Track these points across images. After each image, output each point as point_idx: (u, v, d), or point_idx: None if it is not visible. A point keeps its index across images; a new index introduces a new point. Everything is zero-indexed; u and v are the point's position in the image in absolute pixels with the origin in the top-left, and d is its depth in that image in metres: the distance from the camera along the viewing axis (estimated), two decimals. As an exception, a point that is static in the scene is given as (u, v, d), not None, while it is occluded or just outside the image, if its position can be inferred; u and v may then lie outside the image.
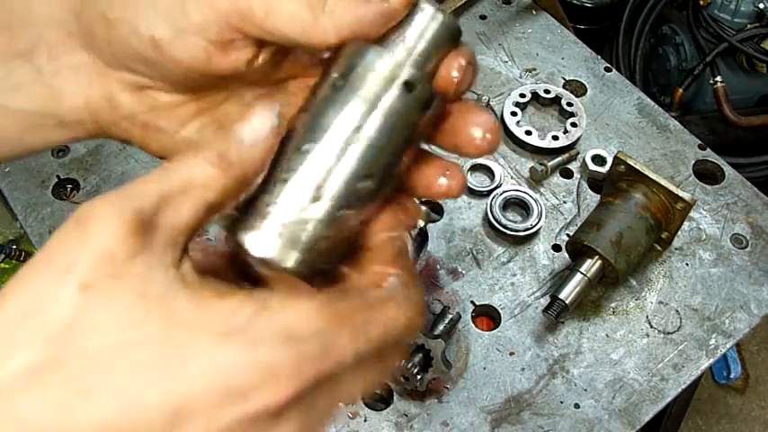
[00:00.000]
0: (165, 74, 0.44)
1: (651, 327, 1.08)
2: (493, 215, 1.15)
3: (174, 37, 0.42)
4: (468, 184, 1.20)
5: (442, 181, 0.44)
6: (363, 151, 0.39)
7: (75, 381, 0.31)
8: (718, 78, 2.13)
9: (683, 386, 1.03)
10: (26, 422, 0.31)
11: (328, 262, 0.40)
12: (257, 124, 0.39)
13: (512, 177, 1.23)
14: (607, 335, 1.08)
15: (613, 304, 1.10)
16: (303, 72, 0.47)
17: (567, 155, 1.24)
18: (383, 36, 0.41)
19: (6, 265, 2.26)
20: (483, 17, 1.44)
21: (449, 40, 0.42)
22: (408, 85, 0.40)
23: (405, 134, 0.40)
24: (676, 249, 1.16)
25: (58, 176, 1.18)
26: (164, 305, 0.33)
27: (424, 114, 0.41)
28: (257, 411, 0.32)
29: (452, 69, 0.41)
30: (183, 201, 0.37)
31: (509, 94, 1.30)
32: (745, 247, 1.16)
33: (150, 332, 0.32)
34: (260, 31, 0.41)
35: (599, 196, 1.18)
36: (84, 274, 0.33)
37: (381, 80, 0.39)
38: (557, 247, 1.15)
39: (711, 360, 1.06)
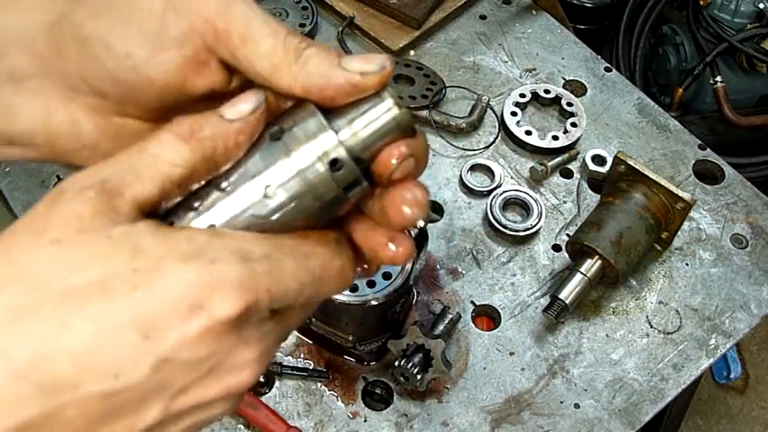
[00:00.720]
0: (135, 96, 0.44)
1: (651, 327, 1.08)
2: (493, 215, 1.15)
3: (150, 54, 0.42)
4: (468, 184, 1.20)
5: (391, 247, 0.44)
6: (272, 209, 0.41)
7: (53, 316, 0.34)
8: (718, 78, 2.13)
9: (683, 386, 1.03)
10: (10, 354, 0.34)
11: None
12: (241, 103, 0.40)
13: (512, 177, 1.23)
14: (607, 335, 1.08)
15: (613, 304, 1.10)
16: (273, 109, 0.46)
17: (567, 155, 1.24)
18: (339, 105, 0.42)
19: (6, 265, 2.26)
20: (483, 17, 1.44)
21: (396, 133, 0.42)
22: (335, 163, 0.41)
23: (319, 205, 0.42)
24: (676, 249, 1.16)
25: (57, 176, 1.18)
26: (127, 241, 0.36)
27: (345, 193, 0.42)
28: (218, 321, 0.36)
29: (392, 157, 0.42)
30: (149, 174, 0.38)
31: (509, 94, 1.30)
32: (745, 247, 1.16)
33: (117, 265, 0.35)
34: (232, 58, 0.42)
35: (599, 196, 1.18)
36: (55, 231, 0.36)
37: (314, 152, 0.40)
38: (557, 247, 1.15)
39: (711, 360, 1.06)
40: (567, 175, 1.24)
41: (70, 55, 0.43)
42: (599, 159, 1.23)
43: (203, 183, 0.41)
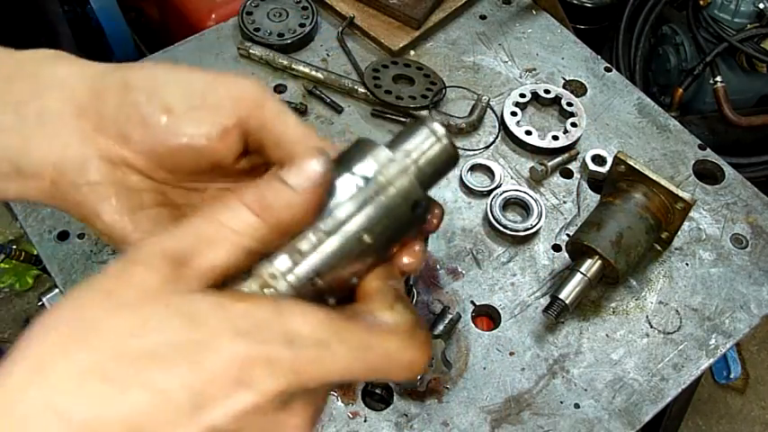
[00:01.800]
0: (154, 149, 0.47)
1: (651, 327, 1.08)
2: (493, 215, 1.15)
3: (188, 110, 0.46)
4: (468, 184, 1.20)
5: (405, 260, 0.48)
6: (369, 243, 0.45)
7: (112, 380, 0.36)
8: (718, 78, 2.13)
9: (683, 386, 1.03)
10: (69, 415, 0.35)
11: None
12: (308, 170, 0.42)
13: (512, 177, 1.23)
14: (607, 335, 1.08)
15: (613, 304, 1.10)
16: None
17: (567, 155, 1.24)
18: (394, 142, 0.48)
19: (6, 265, 2.26)
20: (483, 17, 1.44)
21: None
22: (416, 205, 0.46)
23: (399, 237, 0.47)
24: (676, 249, 1.16)
25: (57, 176, 1.18)
26: (185, 311, 0.37)
27: (414, 227, 0.47)
28: (263, 397, 0.37)
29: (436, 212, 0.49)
30: (218, 245, 0.40)
31: (509, 94, 1.30)
32: (745, 247, 1.16)
33: (173, 334, 0.37)
34: (264, 133, 0.47)
35: (599, 196, 1.18)
36: (122, 296, 0.38)
37: (399, 196, 0.45)
38: (557, 247, 1.15)
39: (711, 360, 1.06)
40: (567, 175, 1.24)
41: (109, 98, 0.47)
42: (599, 159, 1.23)
43: None
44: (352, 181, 0.44)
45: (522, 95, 1.30)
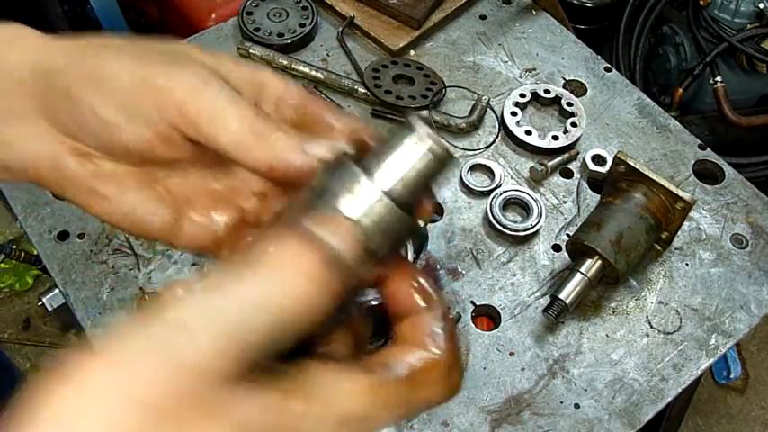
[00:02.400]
0: (112, 150, 0.48)
1: (651, 327, 1.08)
2: (493, 215, 1.15)
3: (126, 125, 0.45)
4: (468, 184, 1.20)
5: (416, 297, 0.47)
6: None
7: None
8: (718, 78, 2.13)
9: (683, 386, 1.03)
10: None
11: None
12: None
13: (512, 177, 1.23)
14: (607, 335, 1.08)
15: (613, 304, 1.10)
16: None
17: (567, 155, 1.24)
18: (377, 157, 0.42)
19: (6, 265, 2.26)
20: (483, 17, 1.44)
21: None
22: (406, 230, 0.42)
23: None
24: (676, 249, 1.16)
25: (57, 176, 1.18)
26: (224, 412, 0.34)
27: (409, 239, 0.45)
28: None
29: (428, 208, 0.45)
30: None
31: (509, 94, 1.30)
32: (745, 247, 1.16)
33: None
34: (199, 137, 0.44)
35: (599, 196, 1.18)
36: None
37: (386, 233, 0.41)
38: (557, 247, 1.15)
39: (711, 360, 1.06)
40: (567, 175, 1.24)
41: (60, 107, 0.47)
42: (599, 159, 1.23)
43: None
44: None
45: (522, 95, 1.30)
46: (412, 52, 1.39)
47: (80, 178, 0.49)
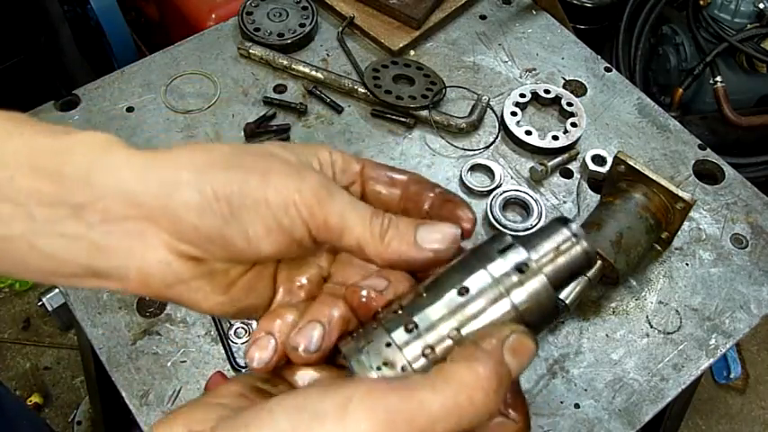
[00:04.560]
0: (237, 257, 0.50)
1: (651, 327, 1.09)
2: (493, 215, 1.15)
3: (266, 234, 0.48)
4: (468, 184, 1.20)
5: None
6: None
7: None
8: (718, 78, 2.13)
9: (683, 386, 1.03)
10: None
11: None
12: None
13: (512, 177, 1.23)
14: (607, 335, 1.08)
15: (613, 304, 1.10)
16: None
17: (567, 155, 1.24)
18: (531, 239, 0.49)
19: (6, 265, 2.26)
20: (483, 17, 1.44)
21: (583, 272, 0.51)
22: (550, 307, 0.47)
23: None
24: (676, 249, 1.16)
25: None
26: None
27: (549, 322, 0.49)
28: None
29: None
30: None
31: (509, 94, 1.30)
32: (745, 247, 1.16)
33: None
34: (327, 240, 0.50)
35: (599, 196, 1.18)
36: None
37: (533, 299, 0.46)
38: (557, 247, 1.15)
39: (711, 360, 1.06)
40: (567, 175, 1.24)
41: (183, 215, 0.48)
42: (599, 159, 1.23)
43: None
44: (485, 277, 0.46)
45: (522, 95, 1.30)
46: (412, 52, 1.39)
47: (193, 281, 0.50)
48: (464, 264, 0.47)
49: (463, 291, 0.45)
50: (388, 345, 0.44)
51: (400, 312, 0.45)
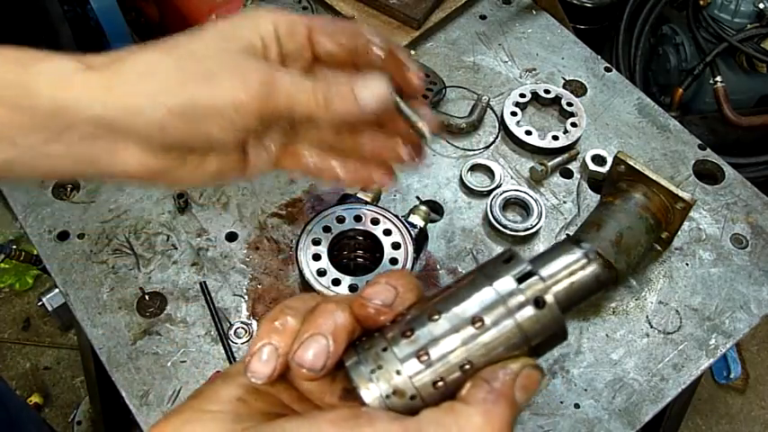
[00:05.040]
0: (202, 152, 0.62)
1: (651, 327, 1.09)
2: (493, 215, 1.15)
3: (222, 134, 0.59)
4: (468, 184, 1.20)
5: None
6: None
7: None
8: (718, 78, 2.13)
9: (683, 386, 1.03)
10: None
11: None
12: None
13: (512, 177, 1.23)
14: (607, 335, 1.08)
15: (613, 304, 1.10)
16: None
17: (567, 155, 1.24)
18: (541, 258, 0.48)
19: (6, 265, 2.26)
20: (483, 17, 1.44)
21: (591, 296, 0.49)
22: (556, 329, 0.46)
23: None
24: (676, 249, 1.16)
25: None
26: None
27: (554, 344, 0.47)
28: None
29: None
30: None
31: (509, 94, 1.30)
32: (745, 247, 1.17)
33: None
34: (282, 118, 0.60)
35: (599, 196, 1.18)
36: None
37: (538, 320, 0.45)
38: (557, 247, 1.15)
39: (711, 360, 1.06)
40: (567, 175, 1.24)
41: (149, 132, 0.57)
42: (599, 159, 1.23)
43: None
44: (491, 294, 0.45)
45: (522, 95, 1.30)
46: (412, 52, 1.39)
47: (171, 169, 0.61)
48: (477, 287, 0.45)
49: (478, 322, 0.44)
50: (398, 372, 0.43)
51: (411, 336, 0.44)
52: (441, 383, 0.43)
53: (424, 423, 0.40)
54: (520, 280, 0.45)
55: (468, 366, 0.43)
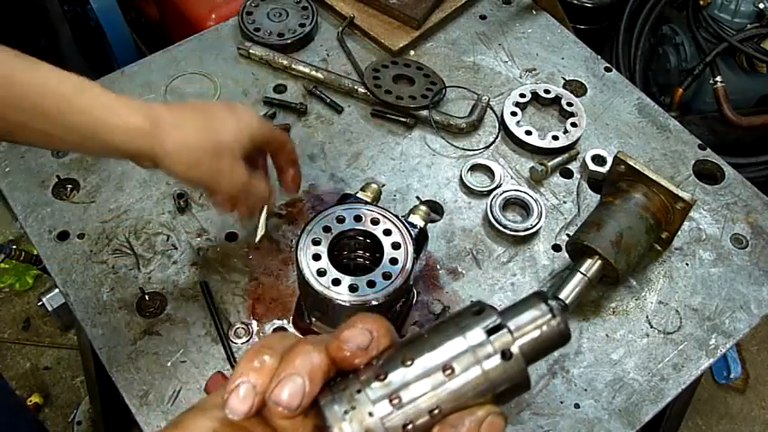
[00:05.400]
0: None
1: (651, 327, 1.08)
2: (493, 215, 1.15)
3: (233, 159, 0.96)
4: (468, 184, 1.20)
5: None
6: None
7: None
8: (718, 78, 2.13)
9: (683, 386, 1.03)
10: None
11: None
12: None
13: (512, 177, 1.23)
14: (607, 335, 1.08)
15: (613, 304, 1.10)
16: None
17: (567, 155, 1.24)
18: (509, 312, 0.50)
19: (6, 265, 2.26)
20: (483, 17, 1.44)
21: (557, 347, 0.51)
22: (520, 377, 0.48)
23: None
24: (676, 249, 1.16)
25: (57, 176, 1.18)
26: None
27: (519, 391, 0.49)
28: None
29: None
30: None
31: (509, 94, 1.30)
32: (745, 247, 1.16)
33: None
34: (273, 146, 1.00)
35: (599, 196, 1.18)
36: None
37: (504, 371, 0.48)
38: (557, 247, 1.15)
39: (711, 360, 1.06)
40: (567, 175, 1.24)
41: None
42: (599, 159, 1.23)
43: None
44: (462, 344, 0.47)
45: (522, 95, 1.30)
46: (412, 52, 1.39)
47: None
48: (449, 336, 0.48)
49: (448, 369, 0.46)
50: (371, 414, 0.45)
51: (384, 380, 0.46)
52: (410, 427, 0.45)
53: None
54: (489, 332, 0.47)
55: (436, 411, 0.46)
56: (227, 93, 1.31)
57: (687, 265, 1.15)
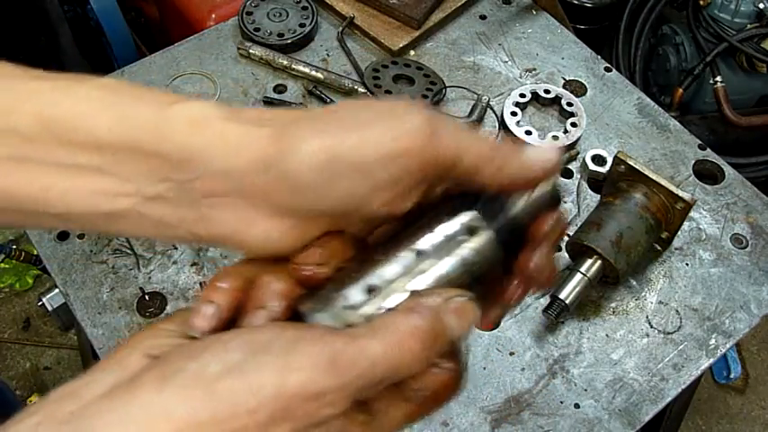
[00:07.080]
0: (339, 223, 0.48)
1: (651, 327, 1.09)
2: (493, 215, 1.15)
3: (370, 192, 0.45)
4: (468, 184, 1.20)
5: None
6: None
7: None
8: (718, 78, 2.13)
9: (683, 386, 1.03)
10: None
11: None
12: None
13: (512, 177, 1.23)
14: (607, 335, 1.08)
15: (613, 304, 1.10)
16: None
17: (567, 155, 1.24)
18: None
19: (6, 265, 2.26)
20: (483, 17, 1.44)
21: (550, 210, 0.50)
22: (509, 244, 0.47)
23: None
24: (676, 249, 1.16)
25: (57, 176, 1.18)
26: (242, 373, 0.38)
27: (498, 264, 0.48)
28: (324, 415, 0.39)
29: (545, 225, 0.48)
30: None
31: (509, 94, 1.30)
32: (745, 247, 1.17)
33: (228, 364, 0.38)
34: (439, 174, 0.46)
35: (599, 196, 1.18)
36: None
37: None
38: (557, 247, 1.15)
39: (711, 360, 1.06)
40: (567, 175, 1.24)
41: (281, 190, 0.45)
42: (599, 159, 1.23)
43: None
44: (438, 237, 0.46)
45: (522, 95, 1.30)
46: (412, 52, 1.39)
47: (291, 247, 0.48)
48: (418, 227, 0.47)
49: (418, 252, 0.46)
50: (345, 307, 0.45)
51: (355, 276, 0.46)
52: (385, 312, 0.45)
53: (357, 330, 0.42)
54: (463, 224, 0.47)
55: (410, 294, 0.45)
56: (227, 93, 1.31)
57: (687, 265, 1.15)
